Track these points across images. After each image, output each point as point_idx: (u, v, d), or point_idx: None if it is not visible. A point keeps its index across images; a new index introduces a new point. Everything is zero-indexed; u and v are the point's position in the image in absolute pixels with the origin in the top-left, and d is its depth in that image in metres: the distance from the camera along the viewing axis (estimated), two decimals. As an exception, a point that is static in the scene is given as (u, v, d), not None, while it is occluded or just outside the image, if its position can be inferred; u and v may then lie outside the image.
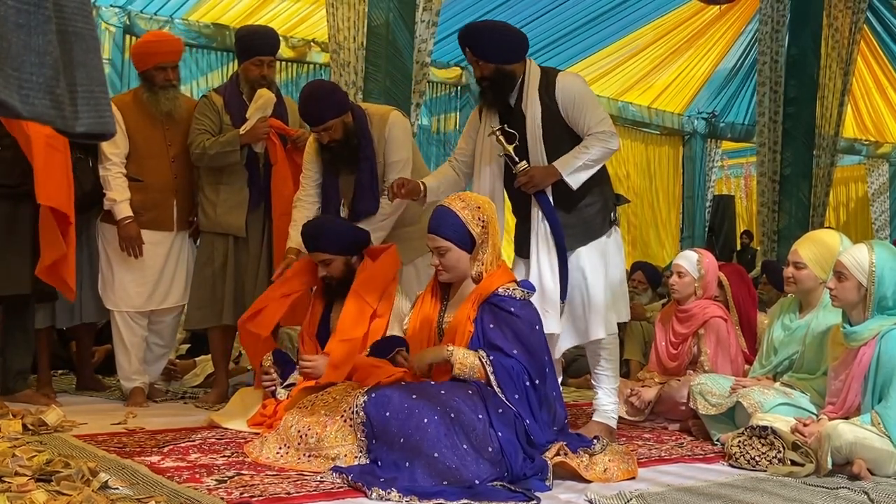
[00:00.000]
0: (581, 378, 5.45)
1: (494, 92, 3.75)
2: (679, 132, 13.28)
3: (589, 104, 3.70)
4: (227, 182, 4.49)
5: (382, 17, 6.10)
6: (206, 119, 4.49)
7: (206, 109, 4.52)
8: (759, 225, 8.96)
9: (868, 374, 3.27)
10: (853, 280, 3.32)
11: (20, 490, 2.46)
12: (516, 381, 3.08)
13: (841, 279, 3.35)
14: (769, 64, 8.64)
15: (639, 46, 11.17)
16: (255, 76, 4.51)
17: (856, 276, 3.31)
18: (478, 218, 3.25)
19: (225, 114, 4.51)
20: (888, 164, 15.09)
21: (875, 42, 11.62)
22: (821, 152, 8.80)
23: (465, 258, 3.26)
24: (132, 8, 8.20)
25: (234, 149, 4.40)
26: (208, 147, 4.40)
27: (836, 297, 3.38)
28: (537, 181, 3.64)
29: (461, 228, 3.23)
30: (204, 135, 4.45)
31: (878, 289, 3.28)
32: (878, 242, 3.43)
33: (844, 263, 3.35)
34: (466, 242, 3.24)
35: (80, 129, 1.29)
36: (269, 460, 3.12)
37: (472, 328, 3.17)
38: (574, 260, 3.69)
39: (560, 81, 3.71)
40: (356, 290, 3.87)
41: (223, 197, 4.49)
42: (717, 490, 2.92)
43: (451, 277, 3.30)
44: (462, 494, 2.68)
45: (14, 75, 1.15)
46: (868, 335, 3.29)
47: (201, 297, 4.53)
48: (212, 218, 4.50)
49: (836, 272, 3.37)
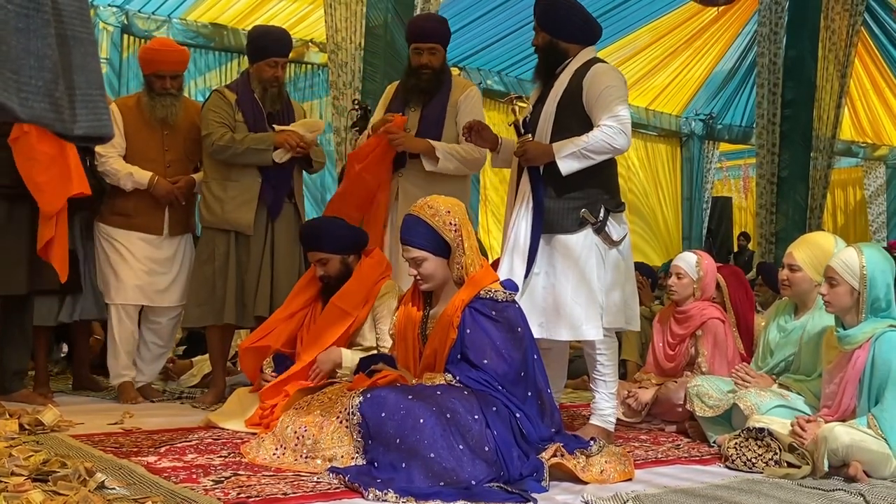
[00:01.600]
0: (578, 379, 5.45)
1: (540, 62, 3.88)
2: (677, 134, 13.30)
3: (609, 98, 3.63)
4: (237, 179, 4.48)
5: (380, 17, 6.12)
6: (223, 112, 4.49)
7: (222, 103, 4.52)
8: (758, 227, 8.97)
9: (863, 378, 3.27)
10: (845, 285, 3.32)
11: (17, 490, 2.46)
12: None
13: (833, 285, 3.35)
14: (768, 66, 8.65)
15: (637, 48, 11.17)
16: (268, 77, 4.51)
17: (847, 280, 3.31)
18: (448, 223, 3.24)
19: (238, 111, 4.51)
20: (885, 166, 15.12)
21: (872, 44, 11.64)
22: (818, 154, 8.81)
23: (442, 264, 3.26)
24: (130, 7, 8.19)
25: (268, 148, 4.41)
26: (239, 141, 4.40)
27: (829, 303, 3.38)
28: (530, 156, 3.67)
29: (433, 236, 3.23)
30: (223, 127, 4.44)
31: (871, 291, 3.28)
32: (867, 245, 3.43)
33: (835, 269, 3.35)
34: (441, 249, 3.24)
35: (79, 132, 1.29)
36: (265, 461, 3.12)
37: (455, 335, 3.16)
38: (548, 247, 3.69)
39: (594, 69, 3.72)
40: (334, 303, 3.89)
41: (231, 194, 4.47)
42: (714, 492, 2.93)
43: (432, 286, 3.30)
44: (459, 495, 2.68)
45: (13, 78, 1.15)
46: (862, 338, 3.29)
47: (200, 295, 4.51)
48: (217, 214, 4.48)
49: (828, 278, 3.37)
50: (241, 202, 4.46)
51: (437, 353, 3.22)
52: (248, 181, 4.47)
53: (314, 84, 9.46)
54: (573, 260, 3.65)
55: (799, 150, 8.56)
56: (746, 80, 12.46)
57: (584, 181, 3.66)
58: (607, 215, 3.70)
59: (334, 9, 6.27)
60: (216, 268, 4.49)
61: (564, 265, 3.66)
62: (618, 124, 3.60)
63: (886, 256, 3.39)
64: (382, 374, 3.37)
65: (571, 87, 3.70)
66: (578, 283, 3.65)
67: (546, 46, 3.83)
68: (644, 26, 10.74)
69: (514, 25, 9.81)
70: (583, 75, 3.70)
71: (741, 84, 12.75)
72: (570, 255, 3.66)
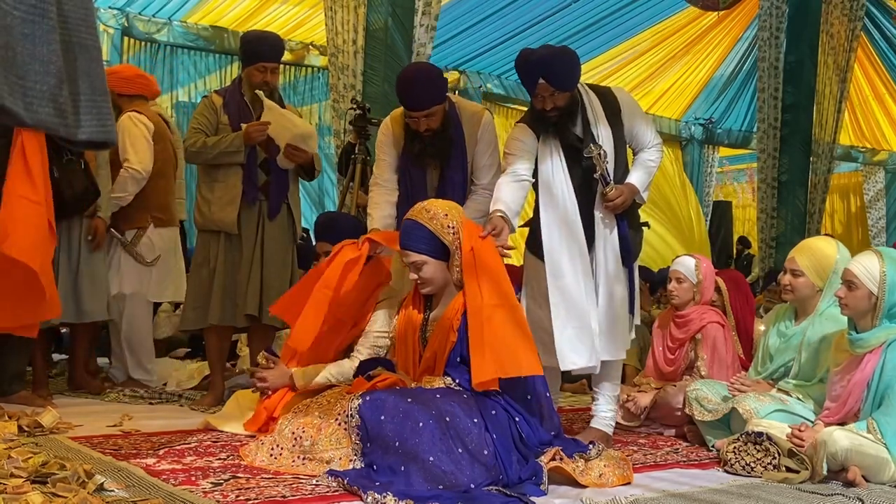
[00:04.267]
0: (577, 383, 5.45)
1: (565, 121, 3.68)
2: (677, 138, 13.30)
3: (646, 119, 3.83)
4: (222, 179, 4.51)
5: (381, 20, 6.12)
6: (203, 118, 4.57)
7: (205, 109, 4.60)
8: (758, 231, 8.98)
9: (871, 382, 3.28)
10: (864, 289, 3.32)
11: (16, 492, 2.46)
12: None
13: (851, 288, 3.35)
14: (768, 70, 8.67)
15: (637, 52, 11.19)
16: (257, 81, 4.54)
17: (867, 284, 3.31)
18: (447, 226, 3.25)
19: (223, 113, 4.55)
20: (884, 171, 15.14)
21: (872, 50, 11.66)
22: (817, 159, 8.83)
23: (441, 268, 3.27)
24: (130, 10, 8.21)
25: (238, 149, 4.44)
26: (211, 146, 4.45)
27: (846, 305, 3.37)
28: (627, 203, 3.70)
29: (432, 240, 3.24)
30: (200, 133, 4.52)
31: (889, 297, 3.29)
32: (886, 250, 3.43)
33: (855, 273, 3.34)
34: (440, 252, 3.25)
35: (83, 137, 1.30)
36: (263, 463, 3.12)
37: (455, 338, 3.17)
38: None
39: (622, 101, 3.79)
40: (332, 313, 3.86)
41: (217, 194, 4.51)
42: (712, 496, 2.93)
43: (433, 289, 3.30)
44: (457, 499, 2.68)
45: (19, 83, 1.15)
46: (875, 343, 3.30)
47: (196, 298, 4.54)
48: (206, 215, 4.52)
49: (847, 281, 3.37)
50: (225, 202, 4.50)
51: (437, 356, 3.23)
52: (231, 180, 4.51)
53: (314, 87, 9.48)
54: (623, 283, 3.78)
55: (798, 155, 8.58)
56: (746, 84, 12.47)
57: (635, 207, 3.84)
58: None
59: (335, 12, 6.28)
60: (211, 270, 4.52)
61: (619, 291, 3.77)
62: (660, 141, 3.83)
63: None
64: (381, 377, 3.37)
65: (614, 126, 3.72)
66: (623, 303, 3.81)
67: (568, 104, 3.66)
68: (644, 31, 10.75)
69: (515, 29, 9.83)
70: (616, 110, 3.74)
71: (741, 88, 12.76)
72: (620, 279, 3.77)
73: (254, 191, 4.51)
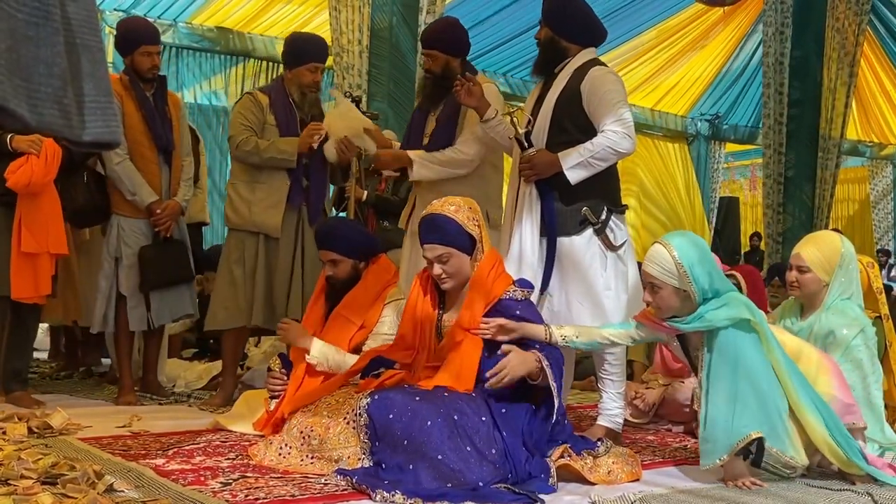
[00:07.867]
0: (585, 380, 5.45)
1: (540, 56, 3.88)
2: (683, 134, 13.29)
3: (610, 101, 3.62)
4: (265, 181, 4.49)
5: (385, 20, 6.14)
6: (251, 116, 4.51)
7: (252, 106, 4.54)
8: (765, 227, 8.97)
9: None
10: (667, 287, 3.14)
11: (26, 493, 2.47)
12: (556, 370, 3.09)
13: (655, 290, 3.16)
14: (774, 66, 8.65)
15: (643, 49, 11.18)
16: (308, 82, 4.55)
17: (669, 282, 3.13)
18: (472, 219, 3.26)
19: (269, 113, 4.54)
20: (892, 165, 15.09)
21: (879, 44, 11.62)
22: (824, 154, 8.80)
23: (467, 262, 3.26)
24: (136, 11, 8.23)
25: (291, 157, 4.44)
26: (264, 149, 4.43)
27: (658, 307, 3.19)
28: (539, 170, 3.66)
29: (461, 232, 3.23)
30: (249, 131, 4.48)
31: (696, 284, 3.12)
32: (673, 234, 3.27)
33: (653, 275, 3.14)
34: (466, 245, 3.25)
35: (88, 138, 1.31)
36: (271, 462, 3.13)
37: (482, 349, 3.16)
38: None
39: (592, 72, 3.70)
40: (339, 313, 3.86)
41: (259, 196, 4.48)
42: (721, 492, 2.93)
43: (455, 284, 3.29)
44: (466, 497, 2.68)
45: (23, 86, 1.16)
46: None
47: (227, 297, 4.49)
48: (245, 217, 4.48)
49: (649, 284, 3.18)
50: (268, 204, 4.47)
51: (453, 359, 3.21)
52: (276, 183, 4.48)
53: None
54: (577, 264, 3.67)
55: (805, 150, 8.56)
56: (752, 80, 12.45)
57: (588, 183, 3.66)
58: (609, 215, 3.71)
59: (339, 11, 6.29)
60: (246, 270, 4.49)
61: (570, 270, 3.67)
62: (622, 128, 3.59)
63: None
64: (389, 373, 3.38)
65: (569, 89, 3.70)
66: (584, 287, 3.66)
67: (547, 42, 3.83)
68: (650, 28, 10.75)
69: (520, 28, 9.84)
70: (580, 78, 3.69)
71: (747, 84, 12.74)
72: (574, 259, 3.67)
73: (299, 196, 4.50)
